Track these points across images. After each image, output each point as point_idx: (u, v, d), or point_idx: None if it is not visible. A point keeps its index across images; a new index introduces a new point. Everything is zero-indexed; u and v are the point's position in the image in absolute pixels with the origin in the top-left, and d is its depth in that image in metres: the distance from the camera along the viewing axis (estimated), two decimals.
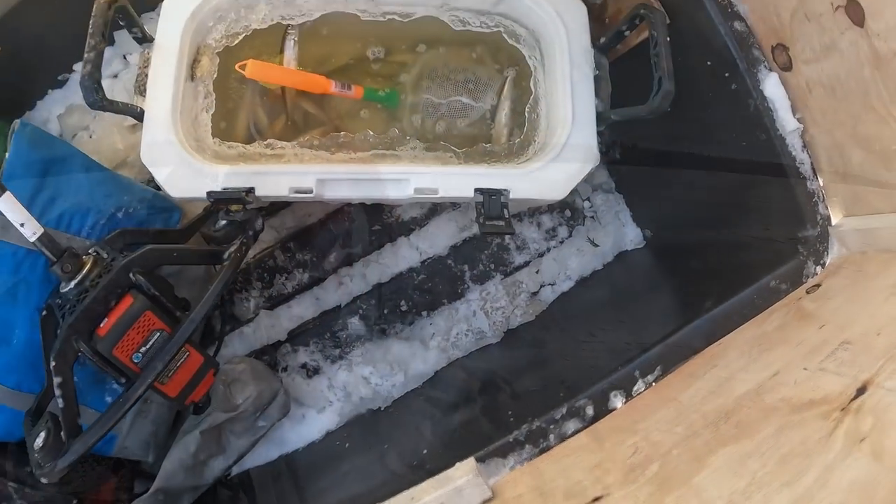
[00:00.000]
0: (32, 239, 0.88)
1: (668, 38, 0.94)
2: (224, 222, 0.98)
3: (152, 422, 1.12)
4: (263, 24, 1.03)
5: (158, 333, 0.90)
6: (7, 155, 0.99)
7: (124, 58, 1.46)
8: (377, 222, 1.39)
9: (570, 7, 1.03)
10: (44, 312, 0.98)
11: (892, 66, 0.76)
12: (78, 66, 1.45)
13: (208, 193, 0.90)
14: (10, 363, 0.99)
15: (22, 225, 0.87)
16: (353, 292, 1.37)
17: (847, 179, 0.91)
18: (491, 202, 0.91)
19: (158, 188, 1.08)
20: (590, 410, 0.83)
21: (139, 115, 0.96)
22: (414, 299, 1.37)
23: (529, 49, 1.07)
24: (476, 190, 0.92)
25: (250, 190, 0.90)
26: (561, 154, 0.95)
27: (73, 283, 0.90)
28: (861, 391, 0.62)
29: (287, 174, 0.92)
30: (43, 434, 0.86)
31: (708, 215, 1.21)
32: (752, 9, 0.97)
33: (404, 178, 0.94)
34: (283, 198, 0.92)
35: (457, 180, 0.94)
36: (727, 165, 1.09)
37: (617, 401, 0.84)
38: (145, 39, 1.02)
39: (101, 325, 0.87)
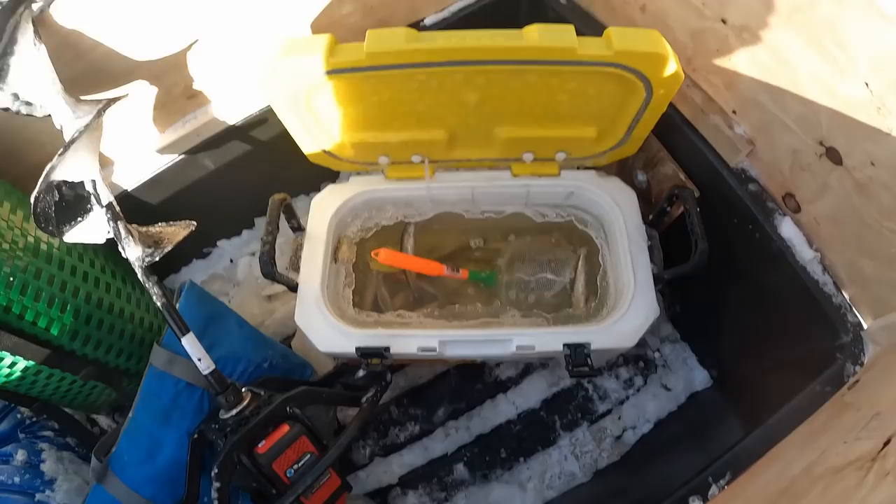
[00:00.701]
0: (205, 372, 0.99)
1: (699, 209, 1.08)
2: (363, 373, 1.16)
3: None
4: (390, 221, 1.27)
5: (309, 455, 1.03)
6: (178, 305, 1.11)
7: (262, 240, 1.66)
8: (479, 382, 1.54)
9: (622, 194, 1.20)
10: (195, 436, 1.08)
11: (870, 189, 0.88)
12: (222, 242, 1.68)
13: (357, 348, 1.07)
14: (152, 476, 1.07)
15: (199, 360, 0.99)
16: (459, 442, 1.49)
17: (866, 288, 0.97)
18: (577, 353, 1.04)
19: (290, 346, 1.25)
20: None
21: (294, 287, 1.15)
22: (512, 447, 1.48)
23: (595, 231, 1.24)
24: (564, 345, 1.05)
25: (387, 348, 1.07)
26: (628, 311, 1.07)
27: (233, 412, 1.02)
28: (887, 443, 0.69)
29: (416, 337, 1.09)
30: None
31: (759, 346, 1.26)
32: (762, 171, 1.10)
33: (507, 339, 1.08)
34: (412, 356, 1.09)
35: (548, 338, 1.07)
36: (765, 300, 1.17)
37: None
38: (299, 228, 1.24)
39: (260, 445, 1.00)
